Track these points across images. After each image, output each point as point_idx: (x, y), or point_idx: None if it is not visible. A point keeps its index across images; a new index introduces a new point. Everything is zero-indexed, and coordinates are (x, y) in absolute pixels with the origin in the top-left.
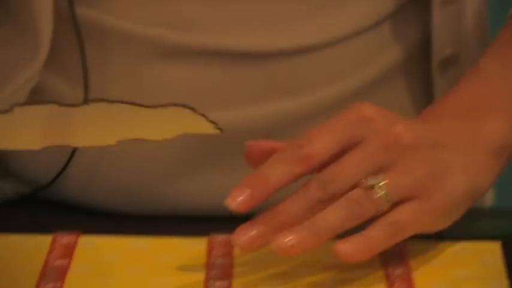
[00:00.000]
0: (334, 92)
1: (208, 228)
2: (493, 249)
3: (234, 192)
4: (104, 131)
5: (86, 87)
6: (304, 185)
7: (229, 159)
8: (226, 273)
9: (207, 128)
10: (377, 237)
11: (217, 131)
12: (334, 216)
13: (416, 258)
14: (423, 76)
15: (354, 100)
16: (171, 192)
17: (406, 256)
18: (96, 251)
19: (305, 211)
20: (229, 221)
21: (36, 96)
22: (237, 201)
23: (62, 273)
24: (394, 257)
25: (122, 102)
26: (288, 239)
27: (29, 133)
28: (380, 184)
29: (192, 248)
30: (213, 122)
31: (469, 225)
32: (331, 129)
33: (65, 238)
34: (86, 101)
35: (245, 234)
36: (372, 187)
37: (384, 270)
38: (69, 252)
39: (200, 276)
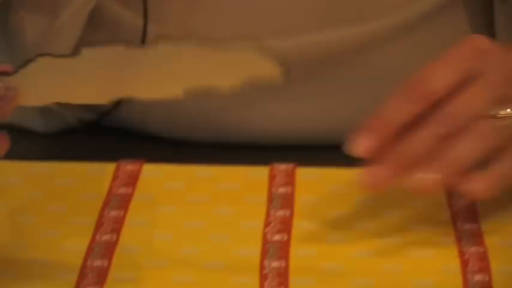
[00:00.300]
0: (397, 19)
1: (269, 156)
2: None
3: (358, 137)
4: (169, 79)
5: (145, 14)
6: (428, 121)
7: (290, 88)
8: (288, 203)
9: (272, 70)
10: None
11: (279, 71)
12: (467, 149)
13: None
14: (484, 4)
15: (416, 29)
16: (231, 120)
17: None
18: (160, 179)
19: (432, 148)
20: (290, 150)
21: (95, 21)
22: (362, 147)
23: (125, 201)
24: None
25: (186, 40)
26: (428, 176)
27: (92, 79)
28: (507, 112)
29: (253, 176)
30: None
31: None
32: (448, 64)
33: (128, 166)
34: (145, 27)
35: (375, 175)
36: (499, 116)
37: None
38: (132, 180)
39: (262, 205)
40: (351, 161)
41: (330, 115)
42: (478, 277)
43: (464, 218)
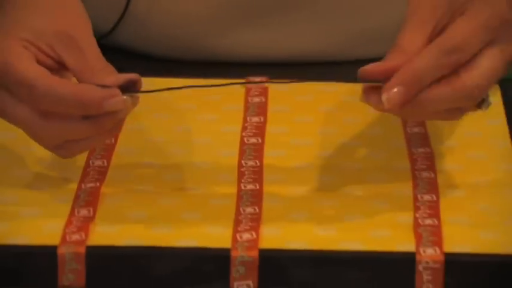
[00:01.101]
0: None
1: (249, 72)
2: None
3: (389, 92)
4: None
5: None
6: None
7: (277, 12)
8: (262, 111)
9: None
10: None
11: None
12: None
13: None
14: None
15: None
16: (220, 41)
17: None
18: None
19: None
20: (266, 67)
21: None
22: (393, 102)
23: None
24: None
25: None
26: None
27: None
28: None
29: (232, 88)
30: None
31: None
32: (477, 34)
33: None
34: None
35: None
36: None
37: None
38: None
39: (239, 112)
40: (320, 76)
41: (307, 38)
42: (425, 174)
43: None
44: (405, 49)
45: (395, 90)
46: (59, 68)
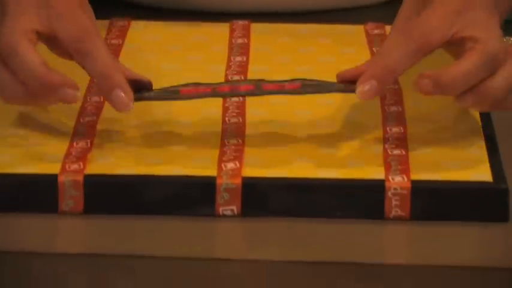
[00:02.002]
0: None
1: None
2: None
3: (363, 86)
4: None
5: None
6: None
7: None
8: (245, 51)
9: None
10: None
11: None
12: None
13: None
14: None
15: None
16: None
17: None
18: (144, 32)
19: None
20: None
21: None
22: (365, 93)
23: (116, 50)
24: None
25: None
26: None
27: None
28: None
29: (217, 30)
30: None
31: None
32: (441, 18)
33: (119, 22)
34: None
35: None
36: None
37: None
38: (122, 34)
39: (224, 53)
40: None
41: None
42: (393, 108)
43: None
44: (383, 54)
45: (367, 85)
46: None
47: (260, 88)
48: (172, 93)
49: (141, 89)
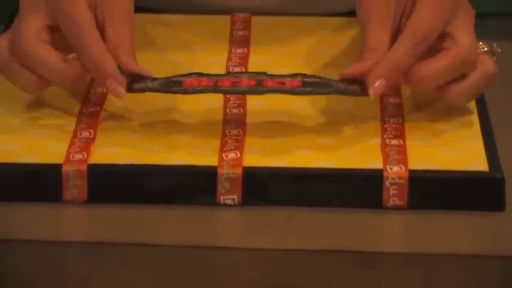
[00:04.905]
0: None
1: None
2: None
3: (373, 85)
4: None
5: None
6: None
7: None
8: (245, 43)
9: None
10: None
11: None
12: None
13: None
14: None
15: None
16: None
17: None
18: (146, 25)
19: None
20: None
21: None
22: (377, 92)
23: None
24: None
25: None
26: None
27: None
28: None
29: (219, 23)
30: None
31: None
32: (436, 18)
33: None
34: None
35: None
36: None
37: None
38: None
39: (225, 44)
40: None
41: None
42: (391, 99)
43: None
44: (375, 48)
45: (377, 83)
46: None
47: (261, 83)
48: (175, 84)
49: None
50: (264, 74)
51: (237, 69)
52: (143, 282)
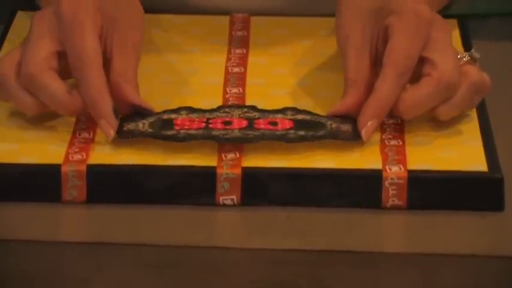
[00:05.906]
0: None
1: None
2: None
3: (365, 126)
4: None
5: None
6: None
7: None
8: (244, 43)
9: None
10: None
11: None
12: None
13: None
14: None
15: None
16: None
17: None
18: (146, 26)
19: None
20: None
21: None
22: (370, 133)
23: None
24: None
25: None
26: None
27: None
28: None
29: (218, 23)
30: None
31: None
32: (413, 43)
33: None
34: None
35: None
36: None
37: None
38: None
39: (224, 45)
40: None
41: None
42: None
43: None
44: (356, 80)
45: (369, 123)
46: None
47: (252, 124)
48: (165, 126)
49: (141, 113)
50: (254, 108)
51: (236, 69)
52: (142, 283)
